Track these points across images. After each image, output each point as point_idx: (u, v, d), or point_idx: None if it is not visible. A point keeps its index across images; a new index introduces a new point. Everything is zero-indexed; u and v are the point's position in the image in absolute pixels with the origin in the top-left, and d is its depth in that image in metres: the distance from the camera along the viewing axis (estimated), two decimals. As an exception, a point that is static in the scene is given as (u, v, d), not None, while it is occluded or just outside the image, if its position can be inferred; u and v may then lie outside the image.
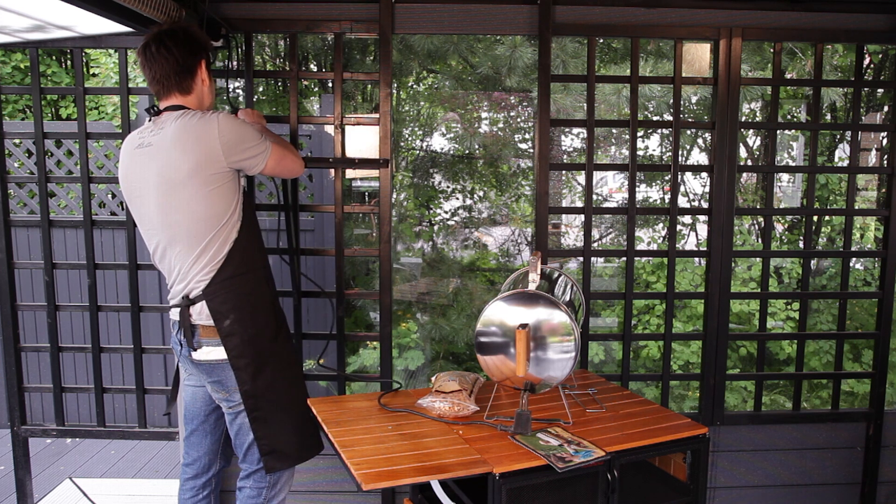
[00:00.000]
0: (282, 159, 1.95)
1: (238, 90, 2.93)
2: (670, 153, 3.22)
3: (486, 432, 1.69)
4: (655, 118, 4.08)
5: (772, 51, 2.78)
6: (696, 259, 5.05)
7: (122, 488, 3.37)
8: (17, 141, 4.82)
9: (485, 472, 1.48)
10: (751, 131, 5.44)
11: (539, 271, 1.86)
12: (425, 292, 4.39)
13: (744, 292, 4.45)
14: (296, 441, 1.97)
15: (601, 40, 4.69)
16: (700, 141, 5.32)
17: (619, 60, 4.78)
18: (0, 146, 2.59)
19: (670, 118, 2.71)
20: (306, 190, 4.26)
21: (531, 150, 5.11)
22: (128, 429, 2.75)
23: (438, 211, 5.10)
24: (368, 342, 3.95)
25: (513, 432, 1.67)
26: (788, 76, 4.63)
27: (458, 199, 5.06)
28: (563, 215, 5.82)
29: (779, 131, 3.67)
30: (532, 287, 1.79)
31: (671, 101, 2.84)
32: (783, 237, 5.39)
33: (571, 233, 5.96)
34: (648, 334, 4.40)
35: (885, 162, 2.78)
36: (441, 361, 4.12)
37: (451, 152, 4.95)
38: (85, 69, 6.56)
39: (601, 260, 5.28)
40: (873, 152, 5.41)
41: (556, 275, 2.12)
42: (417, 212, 4.92)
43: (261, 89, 5.08)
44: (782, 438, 2.78)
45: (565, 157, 5.49)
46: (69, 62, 7.27)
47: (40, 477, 3.54)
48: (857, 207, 3.42)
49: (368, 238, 4.36)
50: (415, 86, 5.22)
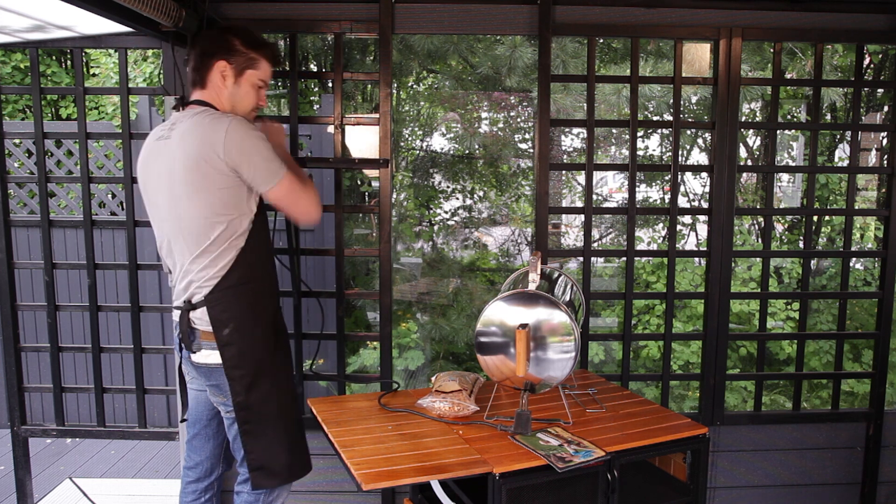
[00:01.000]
0: (293, 193, 1.87)
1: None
2: (670, 153, 3.22)
3: (486, 432, 1.69)
4: (655, 118, 4.08)
5: (772, 51, 2.78)
6: (696, 259, 5.05)
7: (122, 488, 3.37)
8: (17, 141, 4.82)
9: (485, 472, 1.48)
10: (751, 131, 5.44)
11: (539, 271, 1.86)
12: (425, 292, 4.39)
13: (744, 292, 4.45)
14: (285, 460, 1.92)
15: (601, 40, 4.70)
16: (700, 141, 5.32)
17: (619, 60, 4.78)
18: (0, 146, 2.59)
19: (670, 118, 2.71)
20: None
21: (531, 150, 5.11)
22: (128, 429, 2.75)
23: (438, 211, 5.10)
24: (368, 342, 3.95)
25: (513, 432, 1.67)
26: (788, 76, 4.63)
27: (458, 199, 5.07)
28: (563, 215, 5.82)
29: (779, 131, 3.67)
30: (532, 287, 1.79)
31: (671, 101, 2.84)
32: (783, 237, 5.39)
33: (571, 233, 5.96)
34: (648, 334, 4.40)
35: (885, 162, 2.78)
36: (441, 361, 4.12)
37: (451, 152, 4.95)
38: (85, 69, 6.56)
39: (601, 260, 5.28)
40: (873, 152, 5.42)
41: (556, 275, 2.12)
42: (417, 212, 4.92)
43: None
44: (782, 438, 2.78)
45: (565, 157, 5.49)
46: (69, 62, 7.27)
47: (40, 477, 3.54)
48: (857, 207, 3.43)
49: (368, 238, 4.36)
50: (415, 86, 5.22)
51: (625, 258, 2.69)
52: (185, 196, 1.78)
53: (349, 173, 4.31)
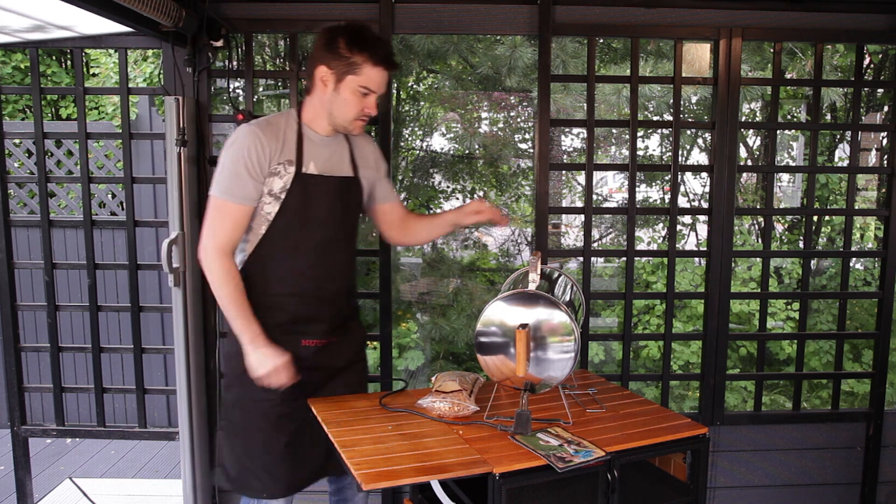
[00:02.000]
0: (206, 217, 1.78)
1: (238, 90, 2.93)
2: (670, 153, 3.22)
3: (486, 432, 1.69)
4: (655, 118, 4.08)
5: (772, 51, 2.78)
6: (696, 259, 5.06)
7: (122, 488, 3.37)
8: (17, 141, 4.82)
9: (485, 472, 1.48)
10: (751, 131, 5.44)
11: (539, 271, 1.85)
12: (425, 292, 4.39)
13: (744, 292, 4.45)
14: (235, 471, 1.88)
15: (601, 40, 4.69)
16: (700, 141, 5.32)
17: (619, 60, 4.78)
18: (0, 146, 2.58)
19: (670, 118, 2.71)
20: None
21: (531, 150, 5.11)
22: (128, 429, 2.75)
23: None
24: (368, 342, 3.94)
25: (513, 432, 1.67)
26: (788, 76, 4.63)
27: (458, 199, 5.06)
28: (563, 215, 5.82)
29: (779, 131, 3.67)
30: (532, 287, 1.79)
31: (671, 101, 2.84)
32: (783, 237, 5.39)
33: (571, 233, 5.96)
34: (648, 334, 4.41)
35: (885, 162, 2.79)
36: (441, 361, 4.12)
37: (451, 152, 4.95)
38: (85, 69, 6.56)
39: (601, 260, 5.28)
40: (873, 152, 5.42)
41: (556, 275, 2.12)
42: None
43: (261, 89, 5.08)
44: (782, 438, 2.78)
45: (565, 157, 5.49)
46: (69, 62, 7.27)
47: (40, 477, 3.53)
48: (857, 207, 3.43)
49: (368, 238, 4.35)
50: (415, 86, 5.22)
51: (625, 258, 2.69)
52: None
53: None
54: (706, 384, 2.71)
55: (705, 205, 3.94)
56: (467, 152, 4.83)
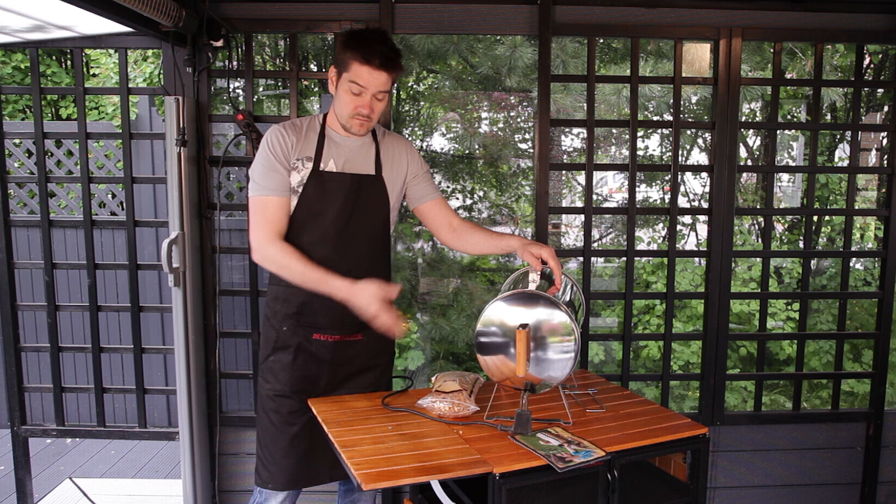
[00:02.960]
0: (251, 217, 1.84)
1: (238, 90, 2.93)
2: (670, 153, 3.22)
3: (486, 432, 1.69)
4: (655, 118, 4.08)
5: (772, 51, 2.78)
6: (696, 259, 5.06)
7: (122, 488, 3.37)
8: (17, 141, 4.82)
9: (485, 472, 1.48)
10: (751, 131, 5.44)
11: (539, 271, 1.85)
12: (425, 292, 4.39)
13: (744, 292, 4.45)
14: (256, 459, 1.97)
15: (601, 40, 4.69)
16: (700, 141, 5.32)
17: (619, 60, 4.78)
18: (0, 146, 2.58)
19: (670, 118, 2.71)
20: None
21: (531, 150, 5.11)
22: (128, 429, 2.75)
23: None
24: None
25: (513, 432, 1.67)
26: (788, 76, 4.63)
27: (458, 199, 5.06)
28: (563, 215, 5.82)
29: (779, 131, 3.67)
30: (532, 287, 1.79)
31: (671, 101, 2.84)
32: (783, 237, 5.39)
33: (571, 233, 5.96)
34: (648, 334, 4.40)
35: (885, 162, 2.78)
36: (441, 361, 4.12)
37: (451, 152, 4.95)
38: (85, 69, 6.56)
39: (601, 260, 5.28)
40: (873, 152, 5.42)
41: (556, 275, 2.12)
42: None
43: (261, 89, 5.08)
44: (782, 438, 2.78)
45: (565, 157, 5.49)
46: (69, 62, 7.27)
47: (40, 477, 3.53)
48: (857, 207, 3.42)
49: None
50: (415, 86, 5.21)
51: (625, 258, 2.70)
52: None
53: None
54: (706, 384, 2.71)
55: (705, 205, 3.94)
56: (467, 152, 4.83)
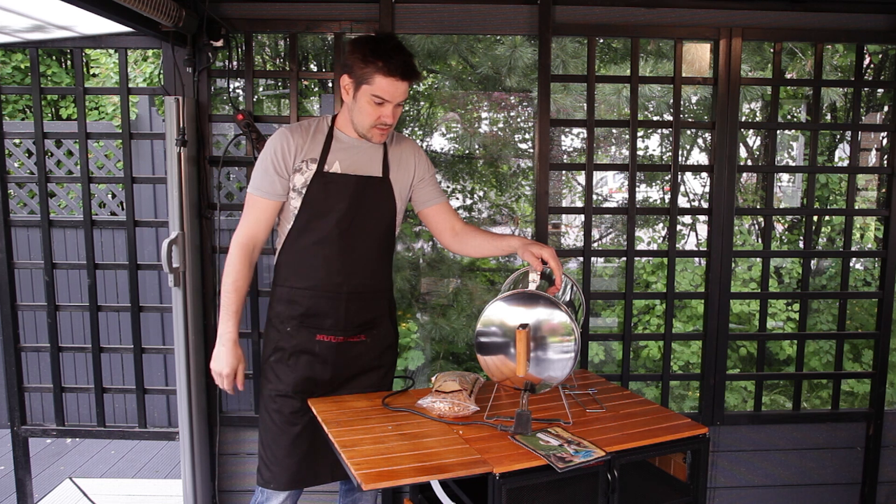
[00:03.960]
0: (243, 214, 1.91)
1: (238, 90, 2.93)
2: (670, 153, 3.22)
3: (486, 432, 1.69)
4: (655, 118, 4.08)
5: (772, 51, 2.78)
6: (696, 259, 5.05)
7: (122, 488, 3.37)
8: (17, 141, 4.82)
9: (485, 472, 1.48)
10: (751, 131, 5.44)
11: (539, 271, 1.85)
12: (425, 292, 4.39)
13: (744, 292, 4.45)
14: (258, 459, 1.97)
15: (601, 40, 4.69)
16: (700, 141, 5.32)
17: (619, 60, 4.78)
18: (0, 146, 2.58)
19: (670, 118, 2.71)
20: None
21: (531, 150, 5.10)
22: (128, 429, 2.75)
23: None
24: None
25: (513, 432, 1.67)
26: (788, 76, 4.63)
27: (458, 199, 5.05)
28: (563, 215, 5.82)
29: (779, 131, 3.67)
30: (532, 287, 1.79)
31: (671, 101, 2.84)
32: (783, 237, 5.39)
33: (571, 233, 5.96)
34: (648, 334, 4.40)
35: (885, 162, 2.78)
36: (441, 361, 4.11)
37: (451, 152, 4.94)
38: (85, 69, 6.56)
39: (601, 260, 5.28)
40: (873, 152, 5.42)
41: (556, 275, 2.12)
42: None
43: (261, 89, 5.08)
44: (782, 438, 2.78)
45: (565, 157, 5.48)
46: (69, 62, 7.27)
47: (40, 477, 3.54)
48: (857, 207, 3.42)
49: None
50: (415, 86, 5.21)
51: (625, 258, 2.70)
52: None
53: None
54: (706, 384, 2.71)
55: (705, 205, 3.94)
56: (467, 152, 4.83)
